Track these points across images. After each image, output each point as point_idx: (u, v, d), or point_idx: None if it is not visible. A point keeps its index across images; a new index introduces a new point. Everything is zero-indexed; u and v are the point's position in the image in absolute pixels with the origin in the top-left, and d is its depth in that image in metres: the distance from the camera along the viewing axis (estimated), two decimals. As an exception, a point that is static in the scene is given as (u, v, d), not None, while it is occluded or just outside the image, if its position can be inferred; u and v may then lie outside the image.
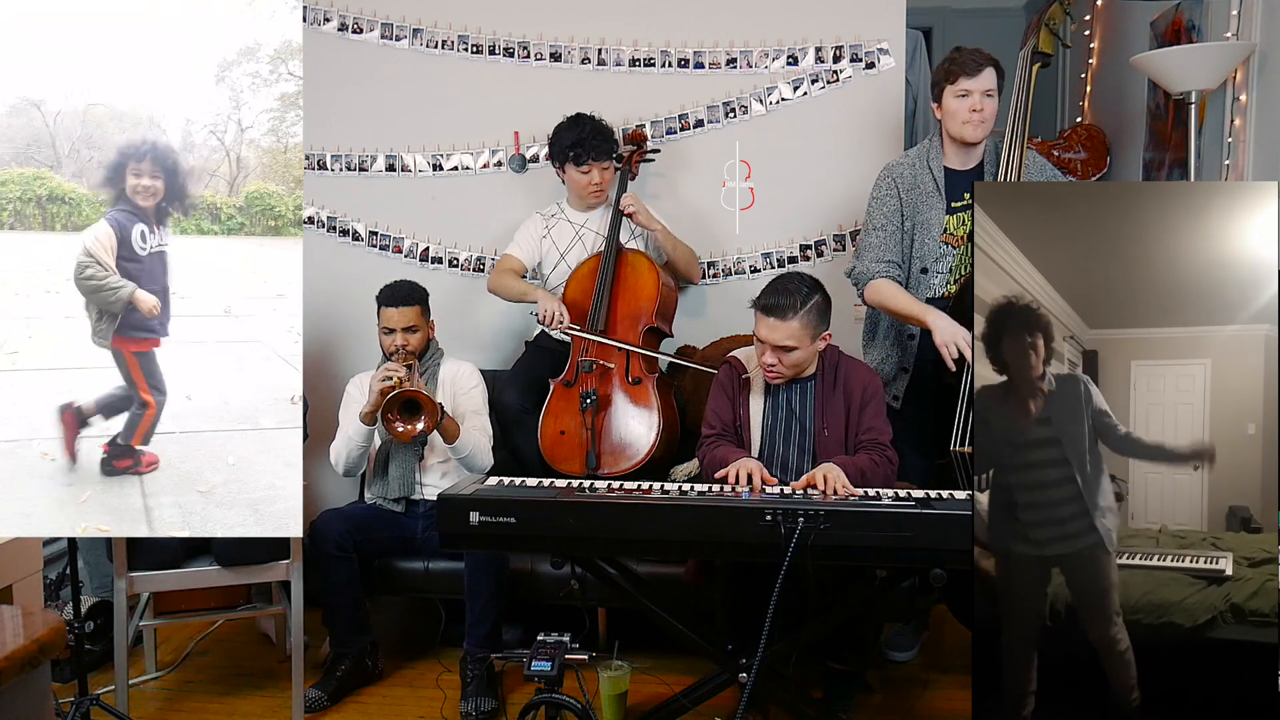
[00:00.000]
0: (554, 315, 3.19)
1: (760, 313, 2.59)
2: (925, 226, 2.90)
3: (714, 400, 2.79)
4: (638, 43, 3.60)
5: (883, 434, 2.65)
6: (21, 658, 1.37)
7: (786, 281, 2.62)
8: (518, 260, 3.41)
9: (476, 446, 3.08)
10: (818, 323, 2.60)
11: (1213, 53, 2.96)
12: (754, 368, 2.76)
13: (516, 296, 3.35)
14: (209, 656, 3.33)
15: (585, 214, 3.45)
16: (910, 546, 2.21)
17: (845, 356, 2.75)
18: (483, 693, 2.90)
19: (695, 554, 2.69)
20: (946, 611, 3.24)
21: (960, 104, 2.81)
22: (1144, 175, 3.73)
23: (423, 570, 3.11)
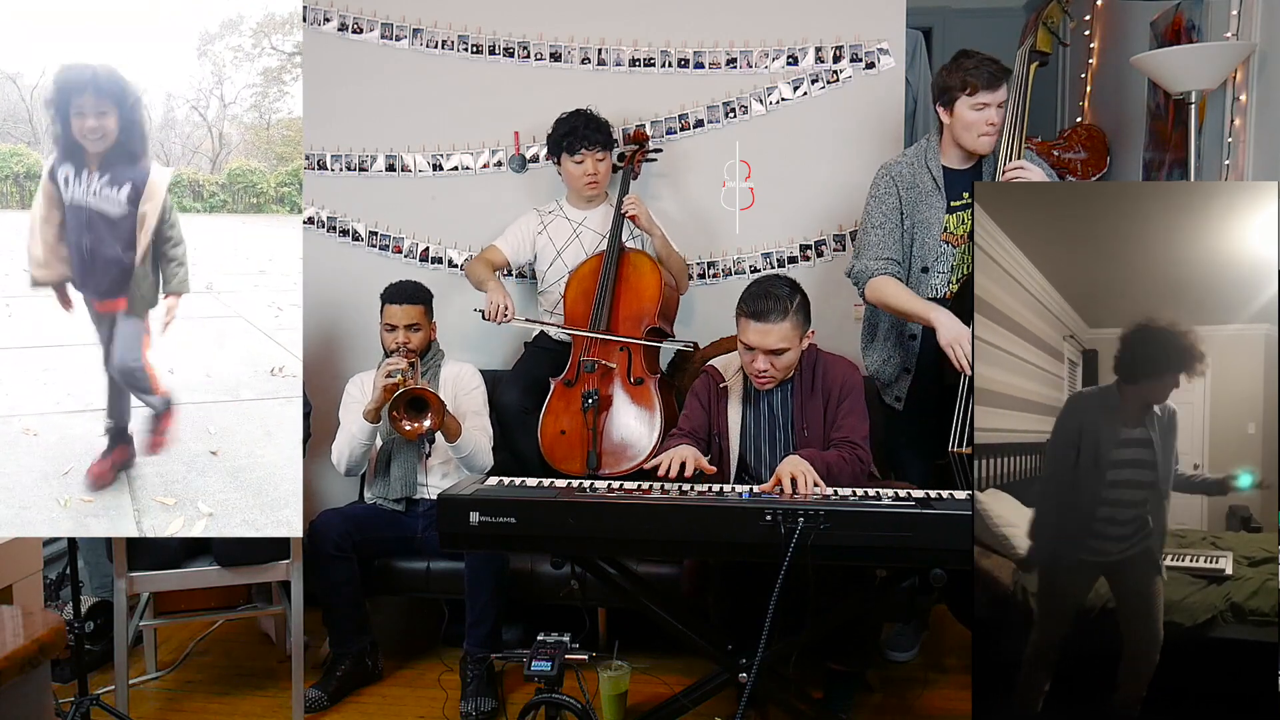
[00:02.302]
0: (499, 309, 3.19)
1: (749, 319, 2.58)
2: (925, 225, 2.90)
3: (688, 406, 2.82)
4: (638, 43, 3.60)
5: (855, 431, 2.64)
6: (21, 658, 1.36)
7: (769, 285, 2.62)
8: (500, 254, 3.41)
9: (478, 446, 3.08)
10: (804, 321, 2.62)
11: (1213, 53, 2.96)
12: (731, 376, 2.77)
13: (477, 284, 3.35)
14: (209, 656, 3.32)
15: (584, 212, 3.44)
16: (910, 546, 2.21)
17: (823, 354, 2.75)
18: (483, 693, 2.90)
19: (695, 554, 2.70)
20: (946, 611, 3.24)
21: (976, 116, 2.79)
22: (1144, 175, 3.73)
23: (423, 570, 3.11)
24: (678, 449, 2.57)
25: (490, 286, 3.25)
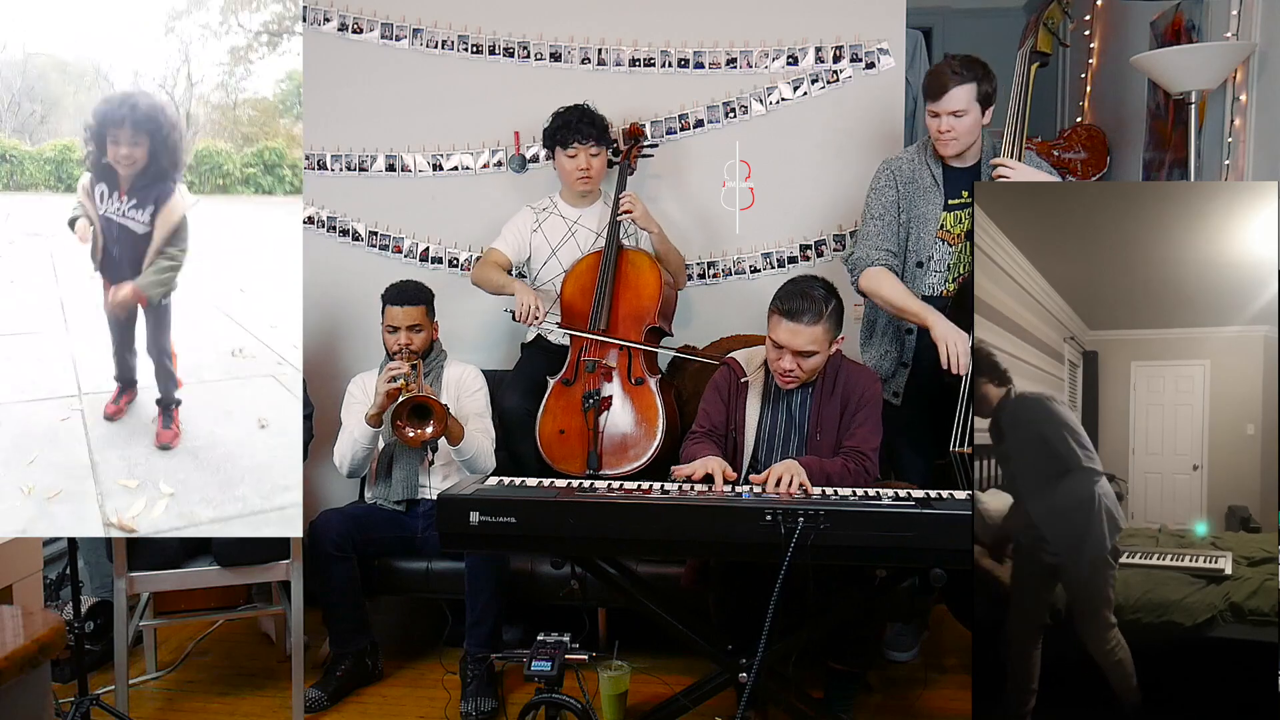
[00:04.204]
0: (530, 310, 3.16)
1: (782, 316, 2.56)
2: (922, 221, 2.91)
3: (707, 401, 2.78)
4: (638, 43, 3.60)
5: (866, 443, 2.62)
6: (21, 658, 1.37)
7: (805, 285, 2.60)
8: (502, 255, 3.38)
9: (480, 449, 3.08)
10: (836, 327, 2.60)
11: (1213, 53, 2.96)
12: (753, 371, 2.75)
13: (495, 289, 3.33)
14: (209, 656, 3.32)
15: (579, 210, 3.43)
16: (910, 546, 2.21)
17: (846, 361, 2.74)
18: (483, 693, 2.90)
19: (695, 554, 2.69)
20: (946, 611, 3.24)
21: (932, 122, 2.86)
22: (1144, 175, 3.73)
23: (423, 570, 3.11)
24: (705, 460, 2.53)
25: (518, 288, 3.23)
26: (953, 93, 2.78)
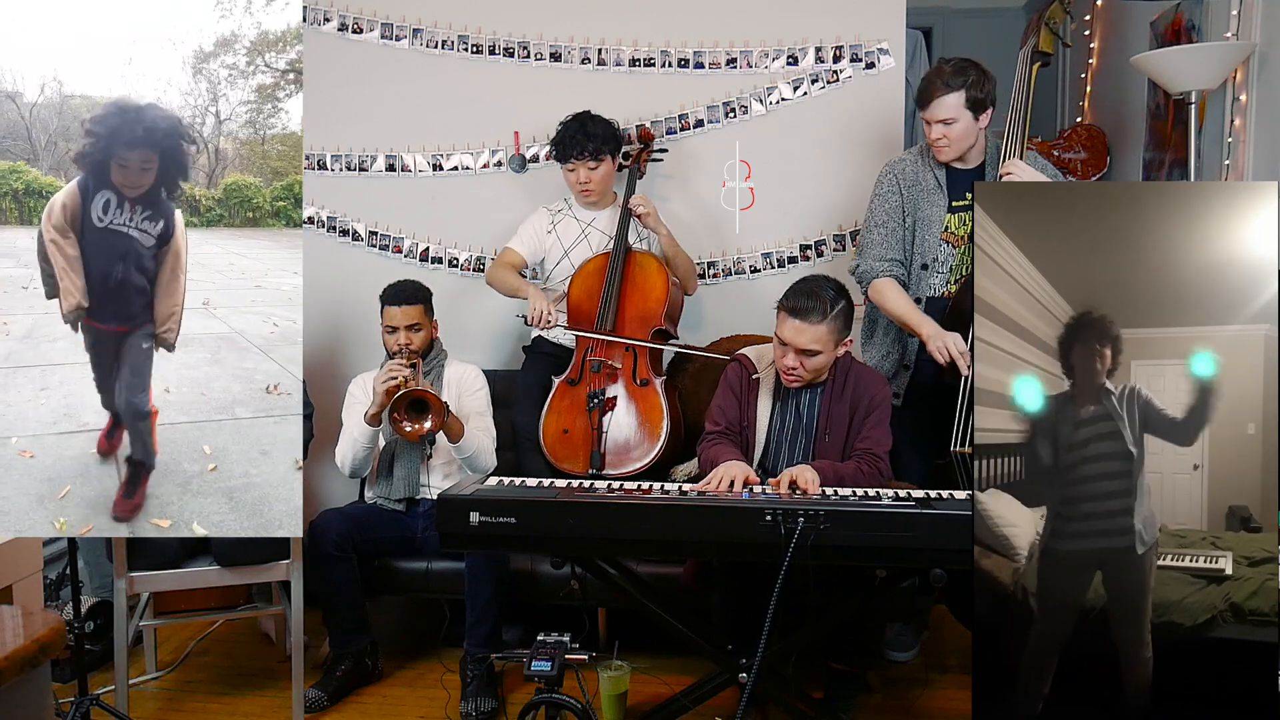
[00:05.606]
0: (542, 315, 3.16)
1: (787, 314, 2.56)
2: (926, 223, 2.91)
3: (720, 397, 2.77)
4: (638, 43, 3.60)
5: (879, 445, 2.62)
6: (21, 658, 1.37)
7: (813, 284, 2.60)
8: (517, 255, 3.38)
9: (480, 447, 3.08)
10: (842, 328, 2.60)
11: (1213, 53, 2.96)
12: (765, 368, 2.75)
13: (509, 291, 3.33)
14: (209, 656, 3.32)
15: (592, 213, 3.43)
16: (910, 546, 2.21)
17: (857, 363, 2.74)
18: (483, 693, 2.90)
19: (695, 554, 2.69)
20: (946, 611, 3.24)
21: (926, 129, 2.87)
22: (1144, 175, 3.73)
23: (423, 570, 3.11)
24: (728, 466, 2.51)
25: (531, 293, 3.23)
26: (939, 101, 2.79)
